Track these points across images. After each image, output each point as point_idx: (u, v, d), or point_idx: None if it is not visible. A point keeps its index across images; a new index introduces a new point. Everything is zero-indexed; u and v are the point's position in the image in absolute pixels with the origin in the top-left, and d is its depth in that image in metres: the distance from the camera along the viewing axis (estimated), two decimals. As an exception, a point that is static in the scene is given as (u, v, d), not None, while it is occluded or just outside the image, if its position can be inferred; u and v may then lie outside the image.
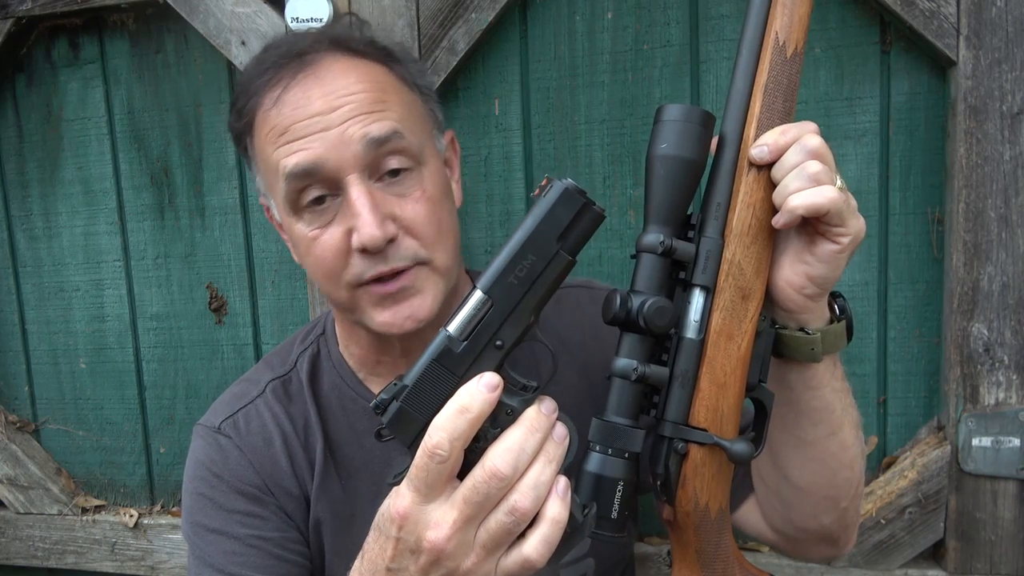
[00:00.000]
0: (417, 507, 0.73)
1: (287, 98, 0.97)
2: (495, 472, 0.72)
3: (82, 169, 1.74)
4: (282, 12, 1.45)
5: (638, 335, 0.81)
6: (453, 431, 0.71)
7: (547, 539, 0.73)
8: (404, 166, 0.98)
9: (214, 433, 1.11)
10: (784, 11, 0.81)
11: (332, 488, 1.10)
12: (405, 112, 1.01)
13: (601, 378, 1.13)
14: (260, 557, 1.04)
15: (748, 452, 0.81)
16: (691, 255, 0.82)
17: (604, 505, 0.79)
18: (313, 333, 1.21)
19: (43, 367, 1.85)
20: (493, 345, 0.75)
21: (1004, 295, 1.33)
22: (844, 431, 0.94)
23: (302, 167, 0.95)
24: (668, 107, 0.82)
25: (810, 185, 0.77)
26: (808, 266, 0.82)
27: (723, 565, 0.89)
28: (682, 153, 0.81)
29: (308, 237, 0.99)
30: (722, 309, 0.82)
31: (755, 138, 0.81)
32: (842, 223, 0.79)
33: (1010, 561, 1.38)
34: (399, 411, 0.75)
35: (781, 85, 0.82)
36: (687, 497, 0.85)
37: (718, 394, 0.82)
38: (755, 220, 0.82)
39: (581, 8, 1.45)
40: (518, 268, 0.75)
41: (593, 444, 0.80)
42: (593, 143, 1.48)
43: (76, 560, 1.84)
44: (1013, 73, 1.28)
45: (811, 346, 0.85)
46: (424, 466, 0.72)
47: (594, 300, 1.20)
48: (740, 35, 0.84)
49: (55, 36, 1.70)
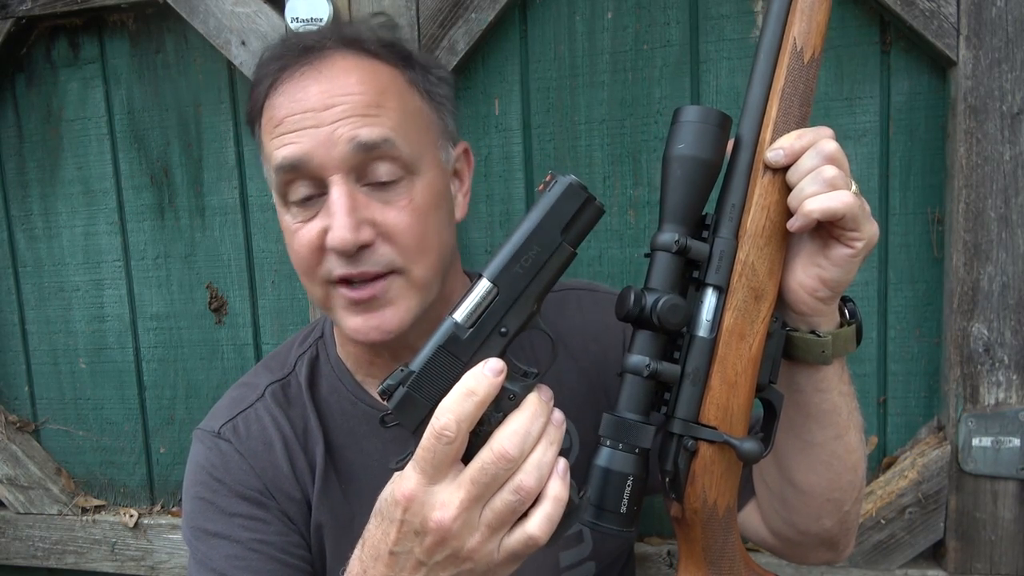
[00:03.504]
0: (423, 488, 0.74)
1: (286, 88, 0.96)
2: (503, 453, 0.73)
3: (82, 169, 1.71)
4: (282, 12, 1.42)
5: (651, 332, 0.81)
6: (460, 413, 0.72)
7: (550, 517, 0.75)
8: (394, 177, 0.95)
9: (214, 438, 1.08)
10: (802, 17, 0.81)
11: (332, 492, 1.07)
12: (403, 119, 0.97)
13: (602, 381, 1.12)
14: (262, 561, 1.02)
15: (758, 451, 0.80)
16: (705, 255, 0.81)
17: (613, 500, 0.79)
18: (311, 336, 1.18)
19: (43, 367, 1.82)
20: (498, 332, 0.77)
21: (1004, 295, 1.30)
22: (850, 434, 0.93)
23: (289, 161, 0.94)
24: (686, 108, 0.82)
25: (826, 189, 0.77)
26: (821, 269, 0.81)
27: (729, 563, 0.88)
28: (699, 154, 0.80)
29: (291, 229, 0.98)
30: (734, 309, 0.81)
31: (771, 141, 0.81)
32: (857, 228, 0.78)
33: (1010, 561, 1.35)
34: (405, 396, 0.76)
35: (798, 90, 0.81)
36: (695, 495, 0.84)
37: (729, 393, 0.81)
38: (769, 222, 0.81)
39: (581, 8, 1.42)
40: (523, 258, 0.76)
41: (604, 439, 0.80)
42: (593, 143, 1.45)
43: (76, 560, 1.81)
44: (1013, 73, 1.26)
45: (821, 348, 0.84)
46: (431, 447, 0.72)
47: (596, 303, 1.18)
48: (758, 40, 0.83)
49: (55, 36, 1.68)
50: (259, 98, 1.01)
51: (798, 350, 0.85)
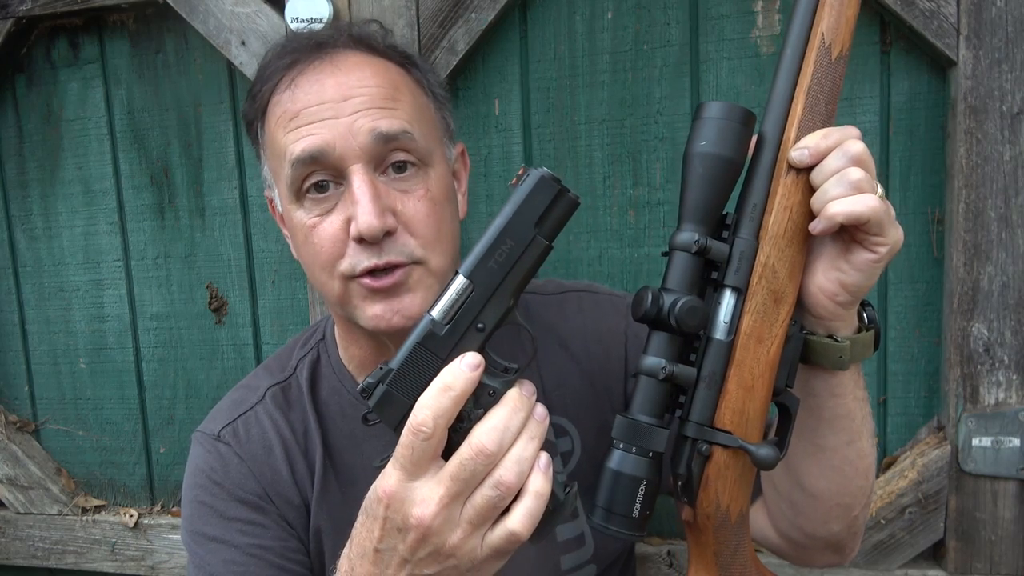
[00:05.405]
0: (403, 485, 0.72)
1: (301, 81, 0.94)
2: (481, 449, 0.71)
3: (82, 169, 1.67)
4: (282, 12, 1.39)
5: (668, 334, 0.78)
6: (437, 409, 0.71)
7: (531, 512, 0.72)
8: (410, 168, 0.94)
9: (213, 441, 1.05)
10: (832, 12, 0.77)
11: (332, 495, 1.04)
12: (416, 114, 0.97)
13: (604, 382, 1.09)
14: (260, 567, 0.99)
15: (773, 457, 0.76)
16: (724, 255, 0.78)
17: (625, 504, 0.77)
18: (313, 339, 1.15)
19: (43, 367, 1.78)
20: (475, 328, 0.75)
21: (1004, 295, 1.27)
22: (862, 439, 0.89)
23: (308, 152, 0.91)
24: (709, 104, 0.78)
25: (851, 192, 0.73)
26: (842, 273, 0.78)
27: (741, 568, 0.85)
28: (722, 151, 0.77)
29: (307, 225, 0.95)
30: (753, 312, 0.78)
31: (795, 140, 0.77)
32: (881, 232, 0.75)
33: (1010, 561, 1.32)
34: (385, 394, 0.75)
35: (825, 87, 0.77)
36: (709, 499, 0.81)
37: (745, 397, 0.78)
38: (791, 223, 0.78)
39: (581, 8, 1.39)
40: (497, 253, 0.74)
41: (616, 441, 0.78)
42: (593, 143, 1.42)
43: (76, 560, 1.77)
44: (1013, 73, 1.23)
45: (839, 353, 0.81)
46: (409, 444, 0.71)
47: (597, 304, 1.15)
48: (785, 35, 0.79)
49: (55, 36, 1.64)
50: (264, 95, 0.98)
51: (815, 355, 0.82)
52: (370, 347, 1.05)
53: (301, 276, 1.58)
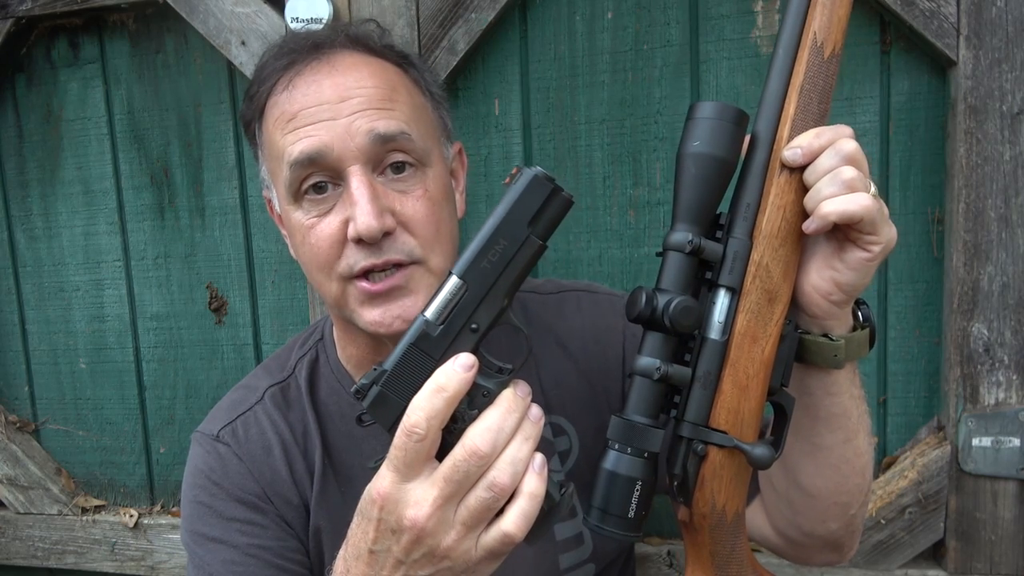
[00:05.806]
0: (397, 487, 0.72)
1: (298, 82, 0.94)
2: (475, 450, 0.70)
3: (82, 169, 1.67)
4: (282, 12, 1.39)
5: (662, 334, 0.77)
6: (430, 410, 0.70)
7: (525, 513, 0.72)
8: (408, 169, 0.94)
9: (213, 441, 1.05)
10: (823, 11, 0.77)
11: (331, 495, 1.04)
12: (414, 114, 0.96)
13: (602, 382, 1.08)
14: (259, 567, 0.98)
15: (769, 457, 0.76)
16: (718, 255, 0.78)
17: (620, 504, 0.76)
18: (312, 339, 1.15)
19: (43, 367, 1.78)
20: (469, 328, 0.75)
21: (1004, 295, 1.26)
22: (859, 438, 0.89)
23: (306, 154, 0.90)
24: (702, 104, 0.78)
25: (844, 191, 0.73)
26: (836, 272, 0.78)
27: (737, 568, 0.85)
28: (715, 151, 0.77)
29: (305, 226, 0.94)
30: (747, 311, 0.77)
31: (788, 139, 0.77)
32: (874, 231, 0.75)
33: (1010, 561, 1.31)
34: (379, 395, 0.74)
35: (817, 86, 0.77)
36: (704, 499, 0.80)
37: (740, 396, 0.78)
38: (785, 223, 0.77)
39: (581, 8, 1.38)
40: (491, 253, 0.74)
41: (612, 442, 0.78)
42: (593, 143, 1.41)
43: (76, 560, 1.76)
44: (1013, 73, 1.22)
45: (834, 352, 0.81)
46: (403, 445, 0.71)
47: (596, 303, 1.14)
48: (777, 34, 0.79)
49: (55, 36, 1.64)
50: (262, 96, 0.98)
51: (810, 353, 0.82)
52: (368, 347, 1.04)
53: (301, 276, 1.57)
